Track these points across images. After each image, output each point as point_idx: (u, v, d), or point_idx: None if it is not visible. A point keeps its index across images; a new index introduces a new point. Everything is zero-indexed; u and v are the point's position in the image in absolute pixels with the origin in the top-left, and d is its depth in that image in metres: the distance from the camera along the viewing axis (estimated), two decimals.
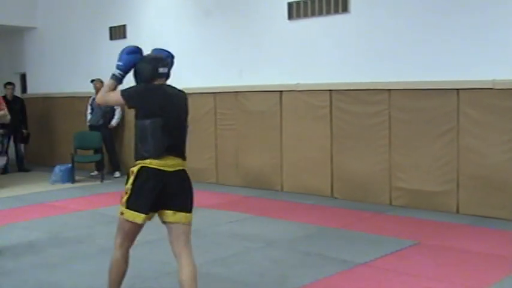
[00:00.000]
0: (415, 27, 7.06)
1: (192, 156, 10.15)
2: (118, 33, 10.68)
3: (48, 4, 12.13)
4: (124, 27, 10.58)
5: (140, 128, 3.66)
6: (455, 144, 6.77)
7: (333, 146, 7.90)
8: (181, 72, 9.61)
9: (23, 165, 11.51)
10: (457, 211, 6.81)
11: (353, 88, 7.60)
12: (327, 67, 7.86)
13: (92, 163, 10.53)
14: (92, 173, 10.49)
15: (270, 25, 8.48)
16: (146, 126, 3.62)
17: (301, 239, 5.88)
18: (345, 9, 7.64)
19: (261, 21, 8.58)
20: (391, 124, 7.31)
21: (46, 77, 12.26)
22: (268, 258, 5.25)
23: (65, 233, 6.36)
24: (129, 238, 3.78)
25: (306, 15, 8.06)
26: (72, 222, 6.88)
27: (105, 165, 10.40)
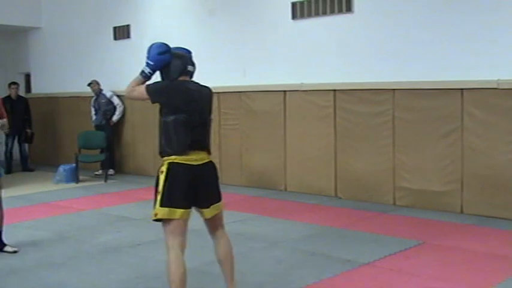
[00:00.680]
0: (419, 27, 7.05)
1: None
2: (122, 33, 10.70)
3: (52, 4, 12.16)
4: (128, 27, 10.60)
5: (164, 124, 3.72)
6: (460, 144, 6.76)
7: (337, 145, 7.89)
8: None
9: (27, 165, 11.54)
10: (461, 211, 6.80)
11: (357, 88, 7.59)
12: (331, 67, 7.85)
13: (96, 163, 10.54)
14: (97, 172, 10.51)
15: (274, 25, 8.48)
16: (169, 123, 3.70)
17: (305, 239, 5.87)
18: (349, 9, 7.63)
19: (265, 21, 8.58)
20: (395, 124, 7.30)
21: (50, 76, 12.29)
22: (272, 258, 5.25)
23: (69, 232, 6.37)
24: (175, 237, 3.72)
25: (309, 15, 8.06)
26: (76, 222, 6.89)
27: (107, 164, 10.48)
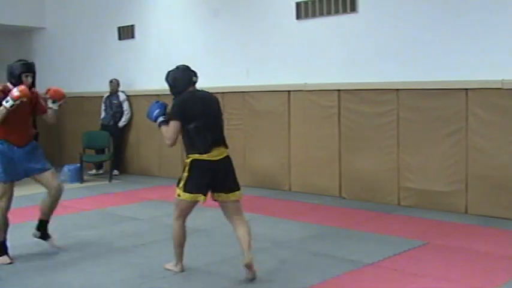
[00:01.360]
0: (424, 27, 7.04)
1: None
2: (126, 33, 10.72)
3: (56, 4, 12.19)
4: (132, 27, 10.62)
5: (187, 131, 4.61)
6: (464, 144, 6.75)
7: (341, 145, 7.89)
8: None
9: None
10: (466, 211, 6.79)
11: (361, 88, 7.59)
12: (335, 67, 7.86)
13: (101, 162, 10.58)
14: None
15: (278, 25, 8.48)
16: (191, 129, 4.58)
17: (309, 239, 5.88)
18: (353, 9, 7.63)
19: (269, 21, 8.58)
20: (399, 124, 7.30)
21: (55, 77, 12.27)
22: (276, 258, 5.25)
23: (74, 232, 6.39)
24: (183, 215, 4.70)
25: (314, 15, 8.06)
26: (81, 222, 6.91)
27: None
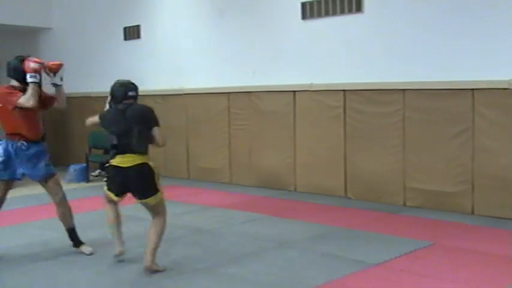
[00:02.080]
0: (429, 26, 7.02)
1: (205, 156, 10.21)
2: (132, 33, 10.74)
3: (63, 5, 12.22)
4: (138, 27, 10.64)
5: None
6: (470, 144, 6.73)
7: (346, 146, 7.88)
8: (195, 71, 9.72)
9: None
10: (472, 212, 6.76)
11: (367, 88, 7.58)
12: (341, 67, 7.85)
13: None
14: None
15: (283, 25, 8.48)
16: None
17: (314, 239, 5.87)
18: (359, 9, 7.62)
19: (274, 21, 8.58)
20: (405, 124, 7.28)
21: None
22: (282, 258, 5.25)
23: (79, 232, 6.38)
24: (109, 202, 5.42)
25: (319, 15, 8.05)
26: (86, 222, 6.90)
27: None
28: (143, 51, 10.57)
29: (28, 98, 5.12)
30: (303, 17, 8.22)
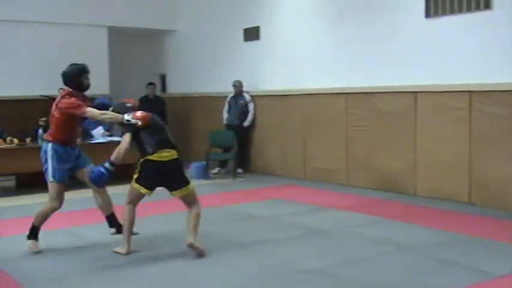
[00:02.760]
0: None
1: (322, 156, 10.14)
2: (252, 34, 10.93)
3: (187, 8, 12.71)
4: (257, 28, 10.80)
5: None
6: None
7: (471, 149, 7.50)
8: (313, 72, 9.70)
9: None
10: None
11: (495, 89, 7.16)
12: (466, 67, 7.47)
13: (226, 161, 10.83)
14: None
15: (405, 23, 8.23)
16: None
17: (435, 246, 5.63)
18: (487, 5, 7.23)
19: (396, 19, 8.36)
20: None
21: (184, 77, 12.85)
22: (399, 263, 5.10)
23: (199, 227, 6.59)
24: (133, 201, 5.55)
25: (444, 13, 7.73)
26: (205, 218, 7.04)
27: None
28: (262, 52, 10.72)
29: (106, 118, 5.78)
30: (427, 14, 7.93)
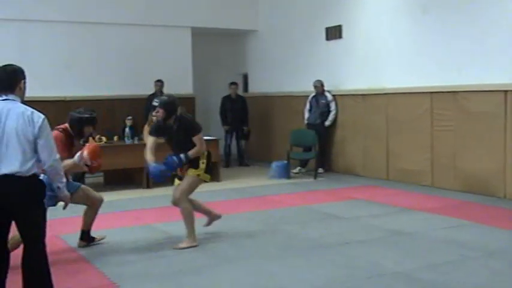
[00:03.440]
0: None
1: (405, 157, 9.92)
2: (334, 33, 10.84)
3: (268, 8, 12.78)
4: (340, 27, 10.70)
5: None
6: None
7: None
8: (396, 71, 9.51)
9: (244, 160, 12.26)
10: None
11: None
12: None
13: (307, 160, 10.80)
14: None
15: (494, 20, 7.89)
16: None
17: None
18: None
19: (484, 15, 8.03)
20: None
21: (265, 77, 12.93)
22: (488, 269, 4.91)
23: (280, 226, 6.63)
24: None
25: None
26: (287, 217, 7.15)
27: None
28: (344, 51, 10.62)
29: (64, 166, 5.00)
30: None
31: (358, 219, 6.88)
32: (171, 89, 11.26)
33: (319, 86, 10.62)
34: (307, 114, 10.89)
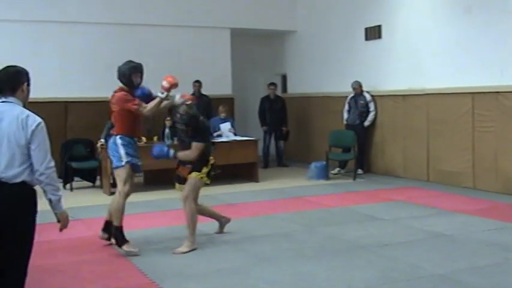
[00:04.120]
0: None
1: (446, 158, 9.79)
2: (373, 33, 10.76)
3: (307, 8, 12.76)
4: (379, 27, 10.62)
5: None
6: None
7: None
8: (437, 71, 9.39)
9: (282, 161, 12.27)
10: None
11: None
12: None
13: (346, 161, 10.73)
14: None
15: None
16: None
17: None
18: None
19: None
20: None
21: (304, 77, 12.92)
22: None
23: (319, 227, 6.63)
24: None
25: None
26: (326, 218, 7.14)
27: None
28: (384, 51, 10.53)
29: (150, 109, 5.74)
30: None
31: (398, 221, 6.82)
32: (210, 90, 11.39)
33: (358, 87, 10.56)
34: (346, 115, 10.84)
